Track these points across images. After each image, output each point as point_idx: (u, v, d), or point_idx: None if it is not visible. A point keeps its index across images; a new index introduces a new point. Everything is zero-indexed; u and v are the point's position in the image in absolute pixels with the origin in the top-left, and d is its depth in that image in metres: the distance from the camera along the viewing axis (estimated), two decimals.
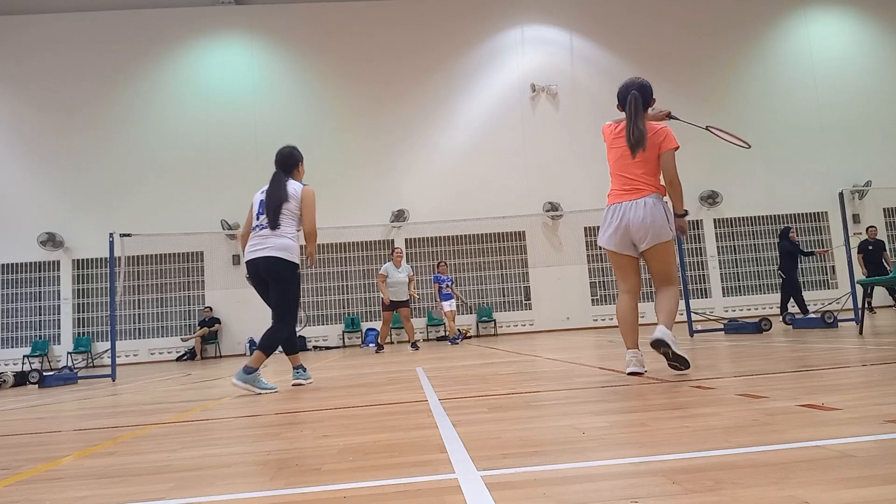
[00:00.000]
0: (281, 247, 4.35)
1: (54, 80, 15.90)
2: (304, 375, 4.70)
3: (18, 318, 15.33)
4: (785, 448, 1.57)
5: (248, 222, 4.59)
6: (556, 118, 16.45)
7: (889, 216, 16.53)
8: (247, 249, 4.46)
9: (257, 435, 2.50)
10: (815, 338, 5.99)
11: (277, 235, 4.36)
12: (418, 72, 16.38)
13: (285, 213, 4.42)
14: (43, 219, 15.30)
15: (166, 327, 15.46)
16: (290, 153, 4.65)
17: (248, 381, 4.20)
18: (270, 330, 4.36)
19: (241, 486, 1.61)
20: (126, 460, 2.10)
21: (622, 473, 1.46)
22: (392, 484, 1.50)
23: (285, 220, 4.42)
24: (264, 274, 4.39)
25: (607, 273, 16.02)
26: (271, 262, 4.34)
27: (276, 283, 4.39)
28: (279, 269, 4.35)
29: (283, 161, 4.62)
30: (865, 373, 3.06)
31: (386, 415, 2.79)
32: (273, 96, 16.20)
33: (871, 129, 16.63)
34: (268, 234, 4.37)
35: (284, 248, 4.36)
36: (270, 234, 4.37)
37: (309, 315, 15.54)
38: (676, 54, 16.74)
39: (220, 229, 15.15)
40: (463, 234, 15.71)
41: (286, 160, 4.62)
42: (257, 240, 4.41)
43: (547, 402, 2.81)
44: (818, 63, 16.96)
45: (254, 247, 4.41)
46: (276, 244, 4.35)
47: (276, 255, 4.33)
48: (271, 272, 4.36)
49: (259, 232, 4.42)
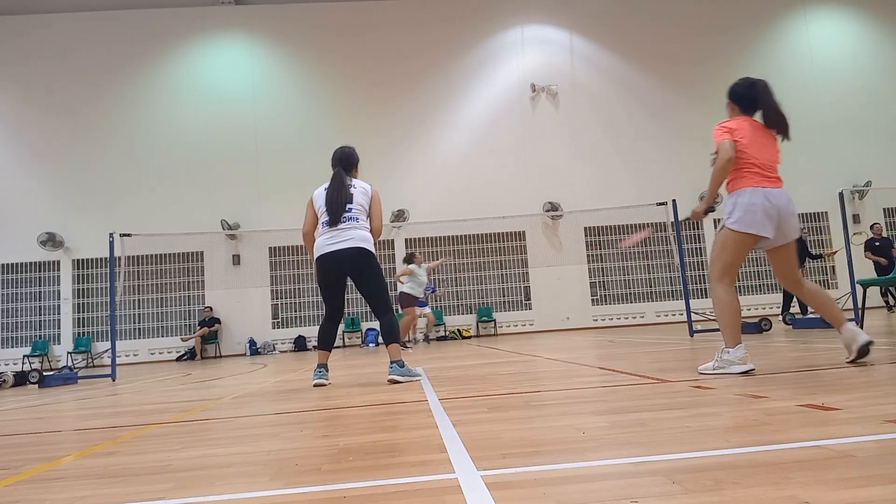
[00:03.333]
0: (363, 238, 4.41)
1: (54, 81, 15.90)
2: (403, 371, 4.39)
3: (18, 318, 15.33)
4: (785, 448, 1.57)
5: (308, 220, 4.61)
6: (556, 118, 16.45)
7: (889, 216, 16.52)
8: (322, 244, 4.43)
9: (257, 435, 2.50)
10: (815, 338, 5.99)
11: (357, 228, 4.42)
12: (418, 72, 16.38)
13: (357, 207, 4.47)
14: (43, 219, 15.30)
15: (166, 327, 15.46)
16: (351, 153, 4.73)
17: (404, 372, 4.29)
18: (384, 322, 4.41)
19: (241, 486, 1.61)
20: (126, 460, 2.10)
21: (622, 473, 1.46)
22: (392, 484, 1.50)
23: (358, 213, 4.47)
24: (348, 266, 4.38)
25: (607, 273, 16.03)
26: (357, 252, 4.36)
27: (367, 274, 4.43)
28: (367, 259, 4.40)
29: (346, 159, 4.69)
30: (865, 373, 3.06)
31: (386, 415, 2.79)
32: (273, 96, 16.20)
33: (871, 129, 16.63)
34: (347, 227, 4.39)
35: (366, 239, 4.43)
36: (350, 227, 4.39)
37: (309, 315, 15.54)
38: (676, 54, 16.74)
39: (220, 229, 15.15)
40: (463, 234, 15.71)
41: (348, 159, 4.70)
42: (334, 233, 4.39)
43: (547, 402, 2.81)
44: (818, 63, 16.96)
45: (330, 239, 4.39)
46: (358, 236, 4.39)
47: (362, 246, 4.38)
48: (359, 263, 4.38)
49: (336, 227, 4.41)
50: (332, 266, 4.39)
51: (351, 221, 4.40)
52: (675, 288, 15.79)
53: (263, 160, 15.77)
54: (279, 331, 15.37)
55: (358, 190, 4.52)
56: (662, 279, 16.00)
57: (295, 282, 15.61)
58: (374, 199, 4.59)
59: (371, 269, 4.42)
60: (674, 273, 15.73)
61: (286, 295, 15.57)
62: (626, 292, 15.98)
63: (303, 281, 15.60)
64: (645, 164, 16.11)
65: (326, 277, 4.43)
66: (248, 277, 15.30)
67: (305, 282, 15.58)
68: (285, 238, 15.21)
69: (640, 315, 15.76)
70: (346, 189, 4.48)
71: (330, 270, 4.40)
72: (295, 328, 15.40)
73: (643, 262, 16.08)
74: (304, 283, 15.60)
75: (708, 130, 4.51)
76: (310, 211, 4.62)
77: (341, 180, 4.53)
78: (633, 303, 15.88)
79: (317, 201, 4.57)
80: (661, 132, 16.29)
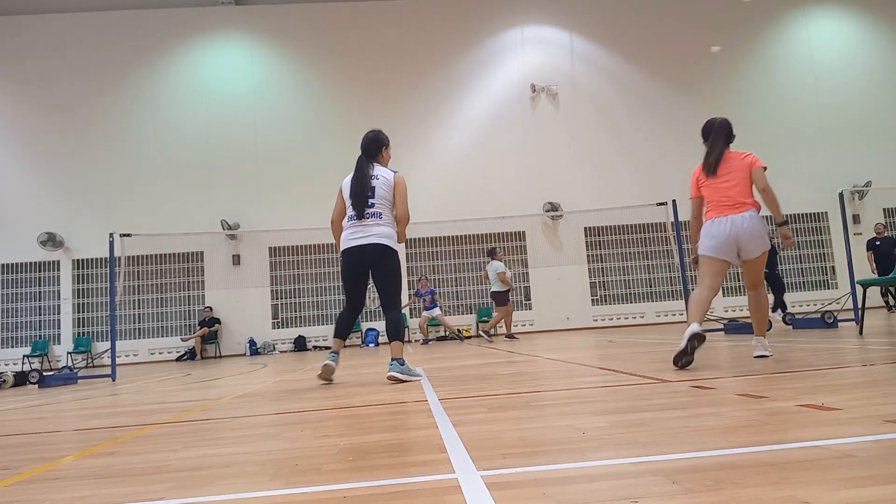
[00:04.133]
0: (385, 234, 4.44)
1: (54, 80, 15.89)
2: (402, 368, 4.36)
3: (18, 318, 15.33)
4: (785, 448, 1.57)
5: (337, 209, 4.63)
6: (556, 118, 16.45)
7: (889, 216, 16.52)
8: (346, 237, 4.48)
9: (257, 435, 2.50)
10: (815, 338, 5.99)
11: (380, 224, 4.44)
12: (418, 72, 16.38)
13: (379, 201, 4.47)
14: (43, 219, 15.30)
15: (166, 327, 15.45)
16: (373, 137, 4.67)
17: (404, 370, 4.32)
18: (389, 318, 4.49)
19: (241, 486, 1.61)
20: (126, 460, 2.10)
21: (622, 473, 1.46)
22: (392, 484, 1.50)
23: (381, 207, 4.47)
24: (369, 261, 4.44)
25: (607, 273, 16.03)
26: (378, 249, 4.40)
27: (384, 270, 4.48)
28: (386, 256, 4.44)
29: (366, 146, 4.66)
30: (865, 373, 3.06)
31: (386, 415, 2.79)
32: (273, 96, 16.20)
33: (871, 129, 16.63)
34: (370, 222, 4.43)
35: (387, 235, 4.45)
36: (373, 223, 4.43)
37: (309, 315, 15.54)
38: (676, 54, 16.74)
39: (220, 229, 15.14)
40: (463, 234, 15.71)
41: (369, 145, 4.65)
42: (357, 228, 4.44)
43: (547, 402, 2.81)
44: (818, 63, 16.96)
45: (354, 234, 4.44)
46: (380, 232, 4.43)
47: (382, 243, 4.41)
48: (377, 259, 4.43)
49: (359, 221, 4.45)
50: (354, 260, 4.46)
51: (374, 218, 4.43)
52: (675, 288, 15.79)
53: (263, 160, 15.77)
54: (279, 331, 15.37)
55: (380, 181, 4.49)
56: (662, 279, 16.00)
57: (295, 282, 15.61)
58: (397, 187, 4.54)
59: (388, 265, 4.46)
60: (674, 273, 15.72)
61: (286, 295, 15.56)
62: (625, 292, 15.98)
63: (303, 281, 15.60)
64: (645, 163, 16.11)
65: (350, 270, 4.51)
66: (248, 277, 15.30)
67: (305, 282, 15.58)
68: (285, 238, 15.21)
69: (640, 315, 15.76)
70: (367, 181, 4.48)
71: (353, 264, 4.47)
72: (295, 328, 15.40)
73: (643, 262, 16.09)
74: (304, 283, 15.60)
75: None
76: (339, 200, 4.63)
77: (362, 171, 4.53)
78: (632, 303, 15.88)
79: (344, 191, 4.60)
80: (661, 132, 16.28)
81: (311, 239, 15.27)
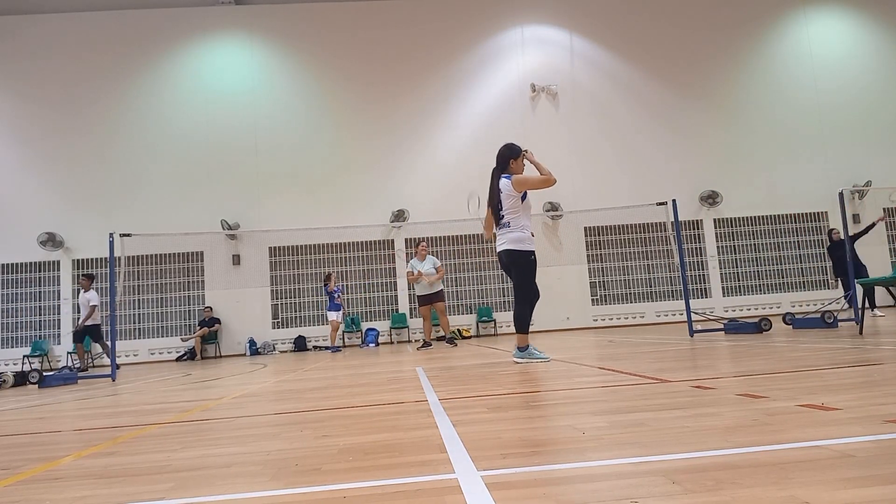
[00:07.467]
0: (514, 240, 5.28)
1: (54, 80, 15.90)
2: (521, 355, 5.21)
3: (18, 318, 15.33)
4: (785, 448, 1.57)
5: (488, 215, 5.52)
6: (556, 118, 16.45)
7: (889, 216, 16.51)
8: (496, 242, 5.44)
9: (257, 435, 2.50)
10: (815, 338, 5.99)
11: (510, 230, 5.29)
12: (418, 72, 16.37)
13: (507, 211, 5.29)
14: (43, 219, 15.30)
15: (166, 327, 15.45)
16: (502, 151, 5.52)
17: (525, 355, 5.16)
18: (514, 310, 5.37)
19: (241, 486, 1.61)
20: (126, 460, 2.10)
21: (622, 473, 1.46)
22: (392, 484, 1.50)
23: (510, 214, 5.29)
24: (505, 264, 5.40)
25: (607, 273, 16.03)
26: (508, 254, 5.31)
27: (514, 270, 5.33)
28: (514, 258, 5.29)
29: (497, 159, 5.49)
30: (865, 373, 3.06)
31: (386, 415, 2.79)
32: (273, 96, 16.19)
33: (871, 129, 16.64)
34: (502, 231, 5.35)
35: (516, 240, 5.27)
36: (505, 232, 5.33)
37: (309, 315, 15.54)
38: (676, 54, 16.74)
39: (220, 229, 15.15)
40: (463, 233, 15.70)
41: (499, 159, 5.50)
42: (499, 235, 5.39)
43: (547, 402, 2.81)
44: (818, 63, 16.96)
45: (498, 240, 5.41)
46: (509, 238, 5.31)
47: (511, 248, 5.30)
48: (509, 261, 5.33)
49: (500, 229, 5.38)
50: (500, 262, 5.50)
51: (504, 228, 5.33)
52: (675, 288, 15.79)
53: (263, 160, 15.76)
54: (279, 331, 15.37)
55: (503, 194, 5.29)
56: (662, 279, 16.00)
57: (295, 282, 15.61)
58: (516, 186, 5.25)
59: (516, 266, 5.31)
60: (674, 273, 15.73)
61: (286, 295, 15.56)
62: (625, 292, 15.98)
63: (303, 281, 15.59)
64: (645, 163, 16.11)
65: (502, 268, 5.51)
66: (248, 277, 15.30)
67: (305, 282, 15.58)
68: (285, 238, 15.21)
69: (640, 315, 15.76)
70: (494, 193, 5.36)
71: (501, 264, 5.51)
72: (295, 328, 15.40)
73: (643, 262, 16.08)
74: (304, 283, 15.60)
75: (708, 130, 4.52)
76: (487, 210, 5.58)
77: (493, 185, 5.41)
78: (632, 303, 15.88)
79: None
80: (661, 132, 16.28)
81: (311, 239, 15.28)
